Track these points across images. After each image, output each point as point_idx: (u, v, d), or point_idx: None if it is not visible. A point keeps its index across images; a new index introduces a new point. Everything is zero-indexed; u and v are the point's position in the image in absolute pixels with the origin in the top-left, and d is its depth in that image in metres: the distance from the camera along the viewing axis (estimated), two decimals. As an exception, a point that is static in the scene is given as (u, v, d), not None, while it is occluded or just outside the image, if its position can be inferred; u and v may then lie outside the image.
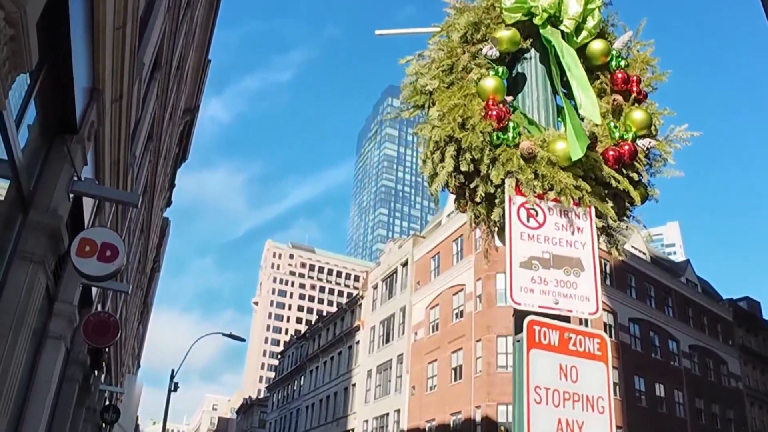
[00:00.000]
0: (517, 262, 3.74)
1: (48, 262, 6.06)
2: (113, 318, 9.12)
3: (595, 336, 3.81)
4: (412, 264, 49.79)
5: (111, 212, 9.28)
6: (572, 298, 3.79)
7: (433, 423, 41.80)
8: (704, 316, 56.18)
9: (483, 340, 38.60)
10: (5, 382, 5.49)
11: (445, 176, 3.99)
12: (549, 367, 3.50)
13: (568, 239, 3.91)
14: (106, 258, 6.30)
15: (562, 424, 3.39)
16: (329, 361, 62.38)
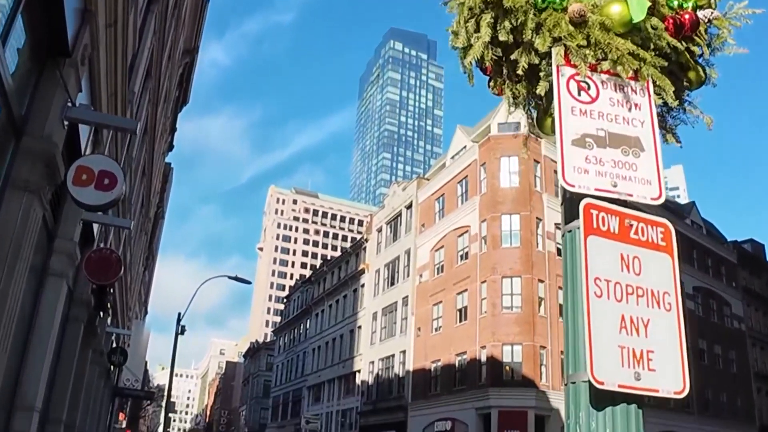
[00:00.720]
0: (568, 140, 3.36)
1: (44, 192, 5.79)
2: (115, 254, 8.88)
3: (658, 224, 3.40)
4: (416, 206, 49.54)
5: (109, 140, 8.94)
6: (632, 181, 3.39)
7: (438, 363, 42.17)
8: (708, 258, 56.18)
9: (488, 281, 38.59)
10: (2, 315, 5.27)
11: (480, 47, 3.57)
12: (609, 257, 3.16)
13: (624, 116, 3.50)
14: (105, 186, 6.00)
15: (625, 322, 3.07)
16: (334, 304, 62.77)
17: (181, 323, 29.35)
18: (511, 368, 36.60)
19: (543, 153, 41.68)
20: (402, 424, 44.17)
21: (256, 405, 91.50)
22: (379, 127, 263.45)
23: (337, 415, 57.05)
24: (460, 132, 47.71)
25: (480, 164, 42.10)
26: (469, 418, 37.07)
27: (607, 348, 2.98)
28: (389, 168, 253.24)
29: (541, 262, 38.89)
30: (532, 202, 39.75)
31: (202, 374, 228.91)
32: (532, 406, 34.98)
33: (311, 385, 64.43)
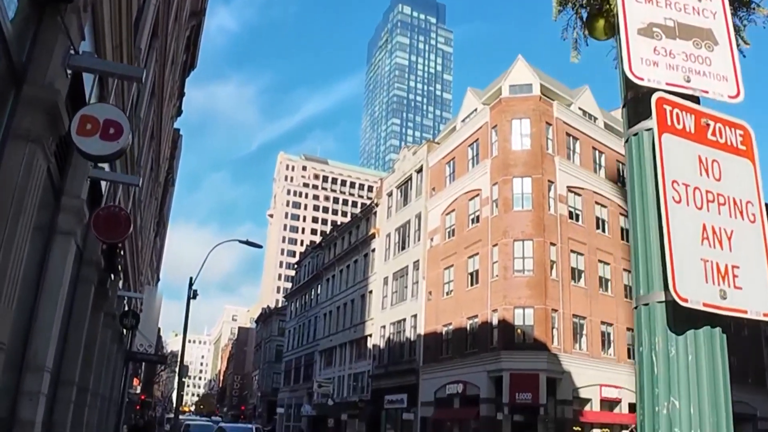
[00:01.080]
0: (633, 29, 3.05)
1: (47, 143, 5.57)
2: (124, 212, 8.69)
3: (737, 126, 3.07)
4: (426, 170, 49.20)
5: (114, 94, 8.70)
6: (707, 77, 3.05)
7: (450, 327, 42.21)
8: None
9: (499, 244, 38.39)
10: (7, 267, 5.10)
11: None
12: (686, 159, 2.85)
13: (694, 5, 3.20)
14: (110, 136, 5.77)
15: (707, 232, 2.76)
16: (345, 269, 62.86)
17: (193, 288, 29.34)
18: (523, 331, 36.56)
19: (555, 115, 41.18)
20: (413, 387, 44.40)
21: (268, 369, 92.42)
22: (388, 93, 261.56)
23: (349, 379, 57.47)
24: (470, 95, 47.12)
25: (491, 127, 41.63)
26: (480, 380, 37.15)
27: (689, 261, 2.67)
28: (398, 134, 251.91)
29: (553, 225, 38.62)
30: (544, 165, 39.33)
31: (215, 340, 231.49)
32: (543, 368, 34.99)
33: (323, 349, 64.84)
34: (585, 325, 38.99)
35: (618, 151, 45.62)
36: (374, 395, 50.38)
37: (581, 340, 38.59)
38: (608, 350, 40.20)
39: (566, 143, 41.90)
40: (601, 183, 43.27)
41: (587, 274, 40.09)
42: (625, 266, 42.81)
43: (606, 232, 42.62)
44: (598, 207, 42.68)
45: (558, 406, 35.53)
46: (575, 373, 36.81)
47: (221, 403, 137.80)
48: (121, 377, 28.56)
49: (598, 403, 37.97)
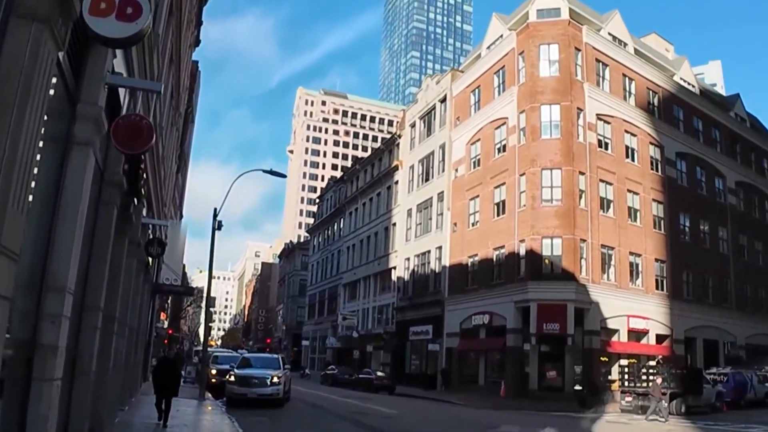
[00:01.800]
0: None
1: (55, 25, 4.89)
2: (146, 120, 8.04)
3: None
4: (450, 100, 48.02)
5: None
6: None
7: (475, 258, 41.79)
8: (752, 153, 54.32)
9: (527, 173, 37.54)
10: (14, 165, 4.51)
11: None
12: None
13: None
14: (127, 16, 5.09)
15: None
16: (368, 202, 62.40)
17: (218, 220, 28.89)
18: (551, 261, 36.04)
19: (584, 40, 39.69)
20: (439, 318, 44.35)
21: (292, 304, 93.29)
22: (407, 25, 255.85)
23: (373, 311, 57.65)
24: (496, 20, 45.48)
25: (518, 53, 40.24)
26: (507, 311, 36.87)
27: None
28: (418, 67, 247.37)
29: (582, 153, 37.62)
30: (573, 92, 38.08)
31: (239, 276, 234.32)
32: (571, 299, 34.57)
33: (347, 282, 64.99)
34: (613, 255, 38.36)
35: (649, 79, 44.23)
36: (399, 327, 50.51)
37: (609, 271, 38.03)
38: (636, 281, 39.65)
39: (596, 69, 40.48)
40: (631, 111, 41.96)
41: (616, 204, 39.25)
42: (655, 196, 42.02)
43: (635, 162, 41.55)
44: (628, 135, 41.51)
45: (585, 336, 35.24)
46: (603, 303, 36.37)
47: (247, 337, 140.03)
48: (148, 310, 28.53)
49: (625, 333, 37.65)
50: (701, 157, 47.24)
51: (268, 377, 23.62)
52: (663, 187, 43.05)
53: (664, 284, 41.44)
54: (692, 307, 42.76)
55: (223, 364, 30.11)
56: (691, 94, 48.81)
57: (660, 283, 41.28)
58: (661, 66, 47.30)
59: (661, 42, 51.86)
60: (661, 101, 45.00)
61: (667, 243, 42.23)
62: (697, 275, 44.08)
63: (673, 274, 42.02)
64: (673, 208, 43.33)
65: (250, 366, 25.15)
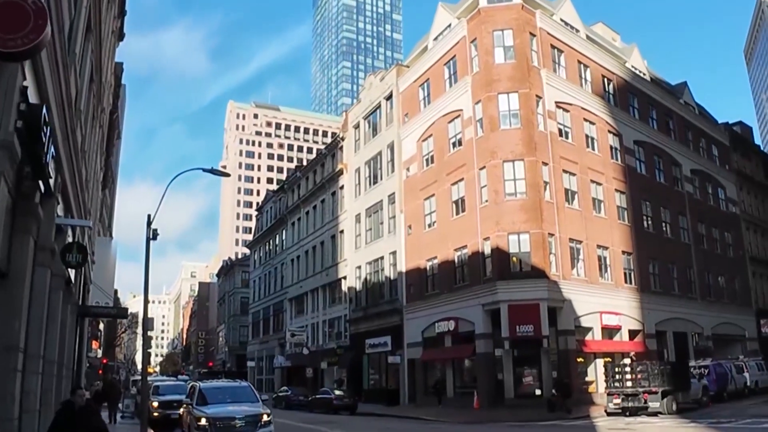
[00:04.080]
0: None
1: None
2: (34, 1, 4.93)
3: None
4: (397, 96, 45.37)
5: None
6: None
7: (435, 261, 39.09)
8: (702, 140, 53.63)
9: (488, 167, 35.06)
10: None
11: None
12: None
13: None
14: None
15: None
16: (312, 210, 59.13)
17: (153, 230, 25.29)
18: (519, 259, 33.57)
19: (538, 25, 37.67)
20: (397, 327, 41.44)
21: (234, 323, 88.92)
22: (336, 35, 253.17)
23: (323, 325, 54.33)
24: (442, 10, 43.06)
25: (470, 41, 37.89)
26: (474, 315, 34.23)
27: None
28: (350, 77, 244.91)
29: (544, 143, 35.45)
30: (531, 79, 35.91)
31: (175, 299, 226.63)
32: (544, 297, 32.17)
33: (293, 297, 61.43)
34: (582, 249, 36.27)
35: (603, 66, 42.64)
36: (353, 340, 47.36)
37: (578, 266, 35.88)
38: (605, 275, 37.65)
39: (551, 56, 38.50)
40: (589, 98, 40.17)
41: (580, 195, 37.25)
42: (617, 186, 40.35)
43: (596, 151, 39.74)
44: (587, 124, 39.71)
45: (560, 337, 32.93)
46: (575, 300, 34.16)
47: (186, 362, 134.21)
48: (74, 336, 24.71)
49: (599, 331, 35.55)
50: (657, 145, 45.94)
51: (256, 416, 17.14)
52: (624, 176, 41.37)
53: (632, 277, 39.63)
54: (660, 299, 41.17)
55: (166, 395, 26.42)
56: (644, 81, 47.52)
57: (628, 276, 39.45)
58: (613, 53, 45.80)
59: (608, 31, 50.50)
60: (616, 89, 43.43)
61: (632, 234, 40.51)
62: (662, 266, 42.58)
63: (640, 267, 40.31)
64: (635, 198, 41.71)
65: (218, 401, 18.09)
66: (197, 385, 19.90)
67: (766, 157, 67.43)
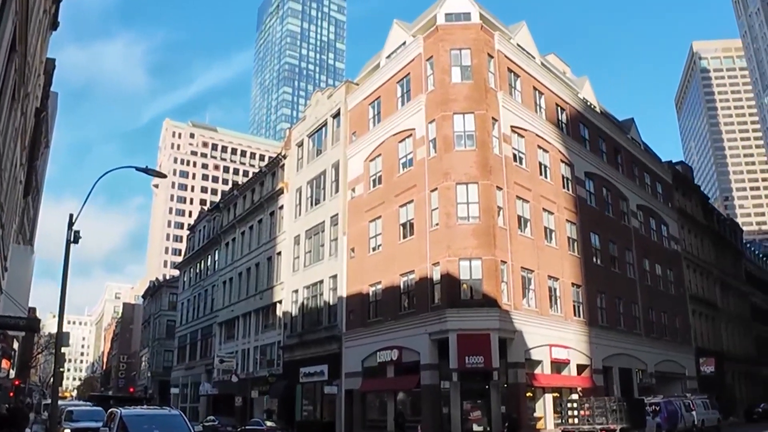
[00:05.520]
0: None
1: None
2: None
3: None
4: (345, 114, 43.51)
5: None
6: None
7: (378, 286, 37.03)
8: (647, 176, 53.62)
9: (440, 188, 33.40)
10: None
11: None
12: None
13: None
14: None
15: None
16: (248, 230, 56.40)
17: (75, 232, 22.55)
18: (470, 286, 31.82)
19: (496, 47, 36.58)
20: (335, 356, 39.07)
21: (159, 347, 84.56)
22: (279, 61, 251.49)
23: (255, 352, 51.37)
24: (397, 27, 41.59)
25: (426, 59, 36.45)
26: (420, 344, 32.21)
27: None
28: (290, 102, 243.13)
29: (499, 167, 34.09)
30: (488, 101, 34.62)
31: (97, 321, 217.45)
32: (495, 327, 30.46)
33: (223, 321, 58.24)
34: (533, 279, 34.86)
35: (557, 94, 41.91)
36: (287, 368, 44.64)
37: (529, 296, 34.42)
38: (555, 307, 36.32)
39: (508, 79, 37.42)
40: (543, 125, 39.22)
41: (533, 223, 35.97)
42: (568, 217, 39.39)
43: (549, 179, 38.69)
44: (541, 151, 38.67)
45: (510, 369, 31.24)
46: (526, 332, 32.62)
47: (106, 386, 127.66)
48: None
49: (548, 365, 34.07)
50: (607, 178, 45.39)
51: None
52: (575, 207, 40.45)
53: (581, 310, 38.46)
54: (607, 334, 40.16)
55: (80, 421, 23.47)
56: (595, 113, 47.08)
57: (577, 309, 38.26)
58: (566, 83, 45.19)
59: (560, 63, 50.04)
60: (569, 119, 42.71)
61: (581, 266, 39.46)
62: (609, 301, 41.67)
63: (588, 300, 39.23)
64: (585, 229, 40.81)
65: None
66: (118, 411, 16.32)
67: (705, 198, 68.30)
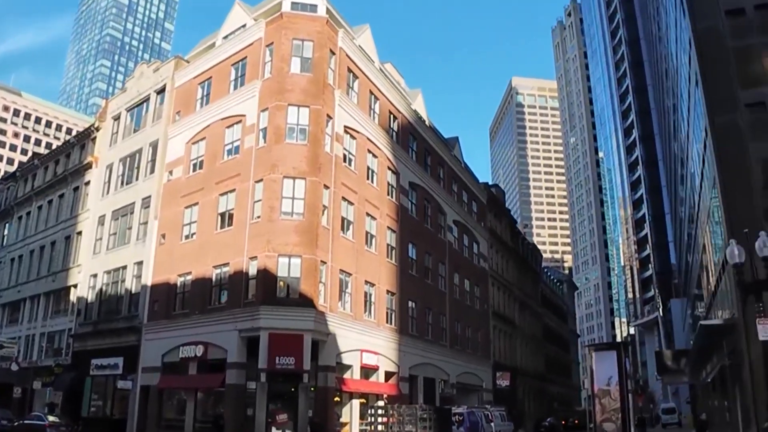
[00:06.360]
0: None
1: None
2: None
3: None
4: (171, 91, 40.69)
5: None
6: None
7: (188, 277, 34.74)
8: (465, 194, 55.45)
9: (266, 180, 31.92)
10: None
11: None
12: None
13: None
14: None
15: None
16: (46, 205, 51.27)
17: None
18: (287, 284, 30.60)
19: (339, 44, 35.87)
20: (133, 348, 36.14)
21: None
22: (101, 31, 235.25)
23: (41, 339, 46.57)
24: (239, 8, 39.53)
25: (266, 44, 34.90)
26: (229, 341, 30.44)
27: None
28: (107, 77, 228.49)
29: (328, 165, 33.27)
30: (325, 97, 33.74)
31: None
32: (310, 329, 29.48)
33: (7, 302, 52.39)
34: (350, 282, 34.33)
35: (391, 102, 42.07)
36: (77, 358, 40.76)
37: (345, 299, 33.82)
38: (369, 312, 36.06)
39: (347, 79, 36.83)
40: (375, 130, 39.04)
41: (355, 226, 35.52)
42: (390, 224, 39.46)
43: (375, 184, 38.51)
44: (370, 156, 38.42)
45: (320, 373, 30.36)
46: (339, 335, 31.97)
47: None
48: None
49: (358, 370, 33.64)
50: (429, 191, 46.21)
51: None
52: (397, 215, 40.62)
53: (393, 318, 38.56)
54: (416, 343, 40.68)
55: None
56: (424, 126, 47.82)
57: (390, 316, 38.31)
58: (401, 93, 45.46)
59: (395, 73, 50.30)
60: (400, 128, 42.98)
61: (397, 274, 39.64)
62: (420, 311, 42.25)
63: (401, 308, 39.51)
64: (404, 238, 41.12)
65: None
66: None
67: (513, 222, 72.08)
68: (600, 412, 22.09)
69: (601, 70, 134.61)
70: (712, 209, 28.87)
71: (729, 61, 24.24)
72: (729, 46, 24.51)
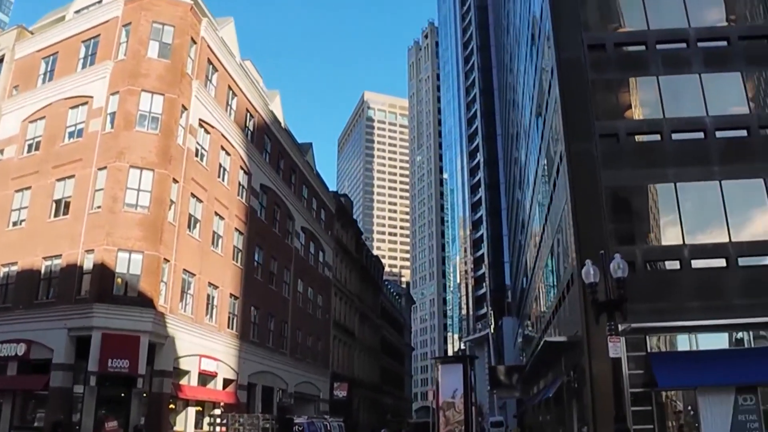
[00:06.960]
0: None
1: None
2: None
3: None
4: (10, 62, 37.10)
5: None
6: None
7: (13, 267, 31.58)
8: (315, 201, 55.13)
9: (110, 168, 29.73)
10: None
11: None
12: None
13: None
14: None
15: None
16: None
17: None
18: (126, 281, 28.59)
19: (201, 34, 34.45)
20: (-62, 343, 32.33)
21: None
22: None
23: None
24: (92, -19, 36.95)
25: (122, 24, 32.68)
26: (56, 340, 27.86)
27: None
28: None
29: (179, 159, 31.63)
30: (182, 86, 32.12)
31: None
32: (147, 330, 27.72)
33: None
34: (193, 283, 32.77)
35: (249, 100, 41.00)
36: None
37: (186, 301, 32.20)
38: (211, 316, 34.61)
39: (206, 71, 35.35)
40: (231, 127, 37.80)
41: (203, 225, 34.04)
42: (238, 225, 38.27)
43: (226, 183, 37.20)
44: (223, 153, 37.09)
45: (155, 378, 28.61)
46: (178, 339, 30.37)
47: None
48: None
49: (196, 376, 32.09)
50: (280, 194, 45.38)
51: None
52: (246, 217, 39.46)
53: (234, 323, 37.28)
54: (257, 350, 39.60)
55: None
56: (280, 129, 47.00)
57: (231, 321, 37.00)
58: (259, 92, 44.36)
59: (254, 71, 49.12)
60: (256, 127, 41.94)
61: (242, 278, 38.43)
62: (262, 317, 41.21)
63: (243, 313, 38.31)
64: (251, 241, 40.01)
65: None
66: None
67: (359, 233, 72.51)
68: (444, 424, 22.30)
69: (452, 94, 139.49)
70: (552, 234, 30.31)
71: (587, 92, 25.54)
72: (588, 78, 25.82)
